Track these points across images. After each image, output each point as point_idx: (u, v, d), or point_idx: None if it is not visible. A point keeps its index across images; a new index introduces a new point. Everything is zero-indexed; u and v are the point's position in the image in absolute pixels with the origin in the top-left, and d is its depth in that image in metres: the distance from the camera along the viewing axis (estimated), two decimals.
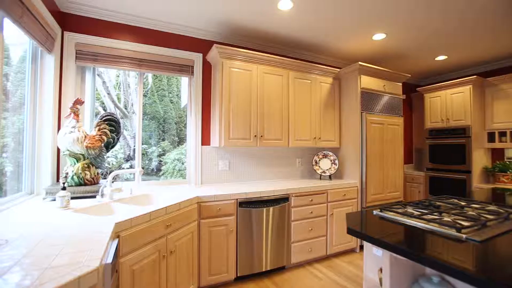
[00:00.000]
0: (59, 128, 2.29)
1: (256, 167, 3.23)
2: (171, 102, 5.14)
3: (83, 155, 2.07)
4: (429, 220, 1.38)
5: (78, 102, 2.10)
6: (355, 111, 3.21)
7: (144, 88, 4.82)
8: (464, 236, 1.18)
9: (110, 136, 2.29)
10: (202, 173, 2.93)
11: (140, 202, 2.26)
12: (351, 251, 3.19)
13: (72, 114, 2.07)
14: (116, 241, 1.34)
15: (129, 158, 4.54)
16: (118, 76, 4.83)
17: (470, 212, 1.57)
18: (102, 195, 1.98)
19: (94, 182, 2.12)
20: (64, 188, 1.68)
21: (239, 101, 2.75)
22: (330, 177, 3.32)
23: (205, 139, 2.97)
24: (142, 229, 1.60)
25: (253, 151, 3.21)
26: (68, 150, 2.03)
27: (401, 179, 3.52)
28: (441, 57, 3.81)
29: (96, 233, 1.21)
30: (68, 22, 2.39)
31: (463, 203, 1.81)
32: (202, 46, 3.00)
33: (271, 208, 2.59)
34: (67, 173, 1.99)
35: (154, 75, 4.62)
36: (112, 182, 2.22)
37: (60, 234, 1.19)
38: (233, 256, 2.39)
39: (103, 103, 4.53)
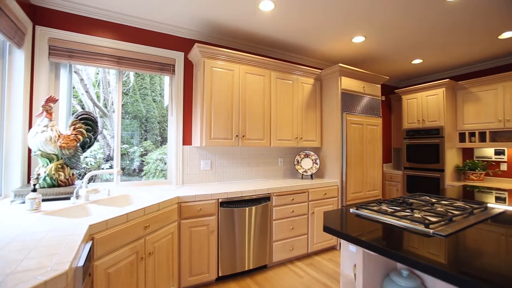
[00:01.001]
0: (30, 127, 2.18)
1: (239, 167, 3.23)
2: (154, 101, 5.03)
3: (56, 155, 1.99)
4: (401, 217, 1.45)
5: (51, 100, 2.01)
6: (336, 111, 3.29)
7: (125, 86, 4.70)
8: (431, 231, 1.25)
9: (86, 136, 2.21)
10: (183, 173, 2.90)
11: (118, 203, 2.20)
12: (332, 248, 3.26)
13: (45, 113, 1.98)
14: (89, 244, 1.30)
15: (109, 158, 4.40)
16: (98, 73, 4.67)
17: (439, 209, 1.65)
18: (77, 197, 1.91)
19: (68, 183, 2.05)
20: (34, 190, 1.61)
21: (221, 101, 2.74)
22: (311, 176, 3.38)
23: (187, 139, 2.94)
24: (119, 230, 1.56)
25: (235, 151, 3.21)
26: (40, 150, 1.94)
27: (380, 178, 3.64)
28: (417, 61, 3.98)
29: (67, 236, 1.17)
30: (40, 16, 2.29)
31: (433, 200, 1.90)
32: (183, 44, 2.97)
33: (253, 208, 2.60)
34: (38, 174, 1.91)
35: (136, 73, 4.51)
36: (89, 183, 2.15)
37: (28, 238, 1.14)
38: (214, 256, 2.39)
39: (82, 102, 4.37)
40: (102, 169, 4.14)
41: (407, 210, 1.60)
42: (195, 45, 2.60)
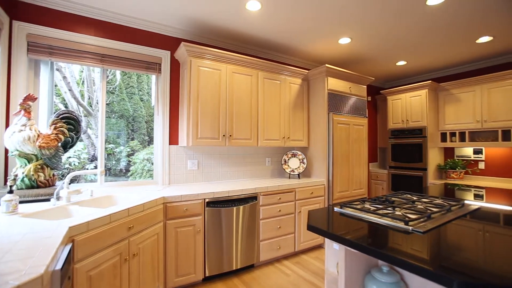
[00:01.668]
0: (7, 126, 2.10)
1: (226, 166, 3.22)
2: (141, 100, 4.94)
3: (35, 155, 1.93)
4: (382, 215, 1.48)
5: (30, 98, 1.94)
6: (323, 111, 3.33)
7: (111, 84, 4.60)
8: (410, 228, 1.29)
9: (68, 135, 2.15)
10: (170, 173, 2.86)
11: (102, 204, 2.16)
12: (319, 247, 3.31)
13: (23, 111, 1.91)
14: (69, 246, 1.26)
15: (94, 159, 4.29)
16: (82, 71, 4.54)
17: (419, 206, 1.70)
18: (57, 198, 1.85)
19: (49, 184, 1.98)
20: (11, 191, 1.55)
21: (208, 100, 2.73)
22: (298, 175, 3.41)
23: (173, 139, 2.91)
24: (101, 232, 1.53)
25: (222, 151, 3.20)
26: (17, 150, 1.87)
27: (365, 177, 3.72)
28: (401, 62, 4.09)
29: (45, 239, 1.14)
30: (18, 11, 2.20)
31: (415, 198, 1.96)
32: (170, 43, 2.93)
33: (240, 207, 2.60)
34: (16, 175, 1.84)
35: (123, 71, 4.41)
36: (72, 183, 2.10)
37: (2, 241, 1.10)
38: (200, 256, 2.37)
39: (65, 100, 4.24)
40: (87, 169, 4.03)
41: (389, 208, 1.64)
42: (181, 44, 2.58)
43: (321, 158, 3.35)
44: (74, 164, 3.93)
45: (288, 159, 3.47)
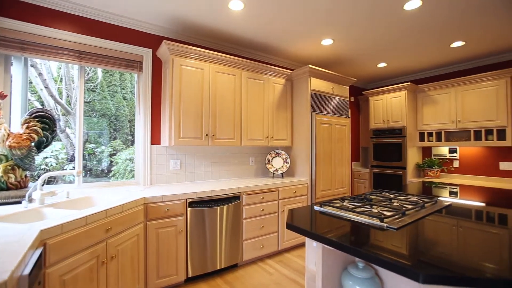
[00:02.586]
0: None
1: (209, 166, 3.20)
2: (124, 99, 4.81)
3: (5, 155, 1.84)
4: (360, 212, 1.52)
5: None
6: (306, 111, 3.38)
7: (92, 82, 4.45)
8: (385, 225, 1.33)
9: (42, 135, 2.06)
10: (152, 173, 2.81)
11: (79, 206, 2.09)
12: (302, 245, 3.35)
13: None
14: (40, 250, 1.22)
15: (73, 159, 4.14)
16: (60, 68, 4.37)
17: (395, 203, 1.76)
18: (30, 200, 1.78)
19: (20, 186, 1.90)
20: None
21: (191, 100, 2.70)
22: (282, 175, 3.44)
23: (155, 138, 2.86)
24: (76, 234, 1.48)
25: (205, 150, 3.18)
26: None
27: (348, 176, 3.80)
28: (382, 64, 4.21)
29: (12, 243, 1.09)
30: None
31: (392, 196, 2.03)
32: (152, 41, 2.88)
33: (224, 207, 2.60)
34: None
35: (105, 69, 4.28)
36: (46, 185, 2.02)
37: None
38: (183, 257, 2.35)
39: (41, 98, 4.06)
40: (65, 169, 3.89)
41: (367, 206, 1.69)
42: (163, 42, 2.54)
43: (304, 157, 3.40)
44: (52, 165, 3.77)
45: (272, 159, 3.50)
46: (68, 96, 4.41)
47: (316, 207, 1.74)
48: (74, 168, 4.01)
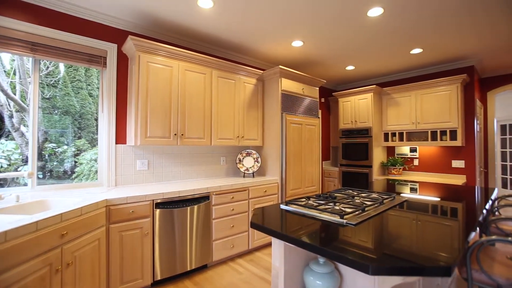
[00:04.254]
0: None
1: (179, 166, 3.13)
2: (90, 96, 4.52)
3: None
4: (322, 210, 1.58)
5: None
6: (276, 111, 3.43)
7: (53, 77, 4.13)
8: (345, 221, 1.39)
9: None
10: (116, 174, 2.69)
11: (30, 211, 1.93)
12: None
13: None
14: None
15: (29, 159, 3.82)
16: (14, 60, 4.00)
17: (357, 200, 1.85)
18: None
19: None
20: None
21: (158, 98, 2.61)
22: (253, 174, 3.46)
23: (120, 137, 2.73)
24: (25, 241, 1.37)
25: (175, 150, 3.10)
26: None
27: (318, 174, 3.92)
28: (350, 67, 4.39)
29: None
30: None
31: (355, 193, 2.12)
32: (117, 35, 2.74)
33: (195, 207, 2.55)
34: None
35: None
36: None
37: None
38: (149, 260, 2.27)
39: None
40: (18, 171, 3.57)
41: (330, 204, 1.75)
42: (128, 38, 2.43)
43: (275, 157, 3.45)
44: (2, 166, 3.45)
45: (243, 158, 3.50)
46: (23, 91, 4.07)
47: (282, 206, 1.77)
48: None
